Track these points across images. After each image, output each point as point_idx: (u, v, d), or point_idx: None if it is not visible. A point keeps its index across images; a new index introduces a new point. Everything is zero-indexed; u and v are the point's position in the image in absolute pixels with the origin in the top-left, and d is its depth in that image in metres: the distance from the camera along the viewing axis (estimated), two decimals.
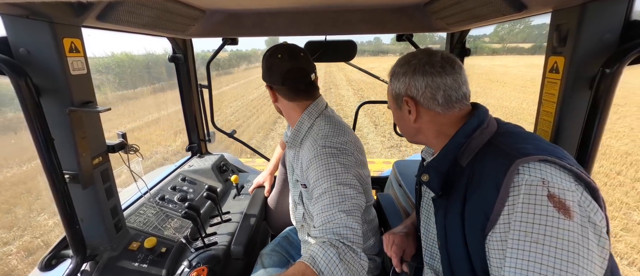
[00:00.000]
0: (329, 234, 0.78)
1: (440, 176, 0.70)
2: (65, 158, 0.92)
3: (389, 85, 0.81)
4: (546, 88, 0.89)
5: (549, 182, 0.54)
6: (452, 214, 0.68)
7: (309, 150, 0.97)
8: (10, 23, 0.80)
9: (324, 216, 0.81)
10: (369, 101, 2.28)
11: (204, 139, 2.03)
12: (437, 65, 0.70)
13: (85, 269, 1.01)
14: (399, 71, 0.76)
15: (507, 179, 0.56)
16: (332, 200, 0.82)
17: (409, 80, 0.73)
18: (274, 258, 1.18)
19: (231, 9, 1.34)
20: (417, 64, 0.72)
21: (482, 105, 0.75)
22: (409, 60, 0.75)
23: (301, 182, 1.04)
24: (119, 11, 0.93)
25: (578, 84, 0.80)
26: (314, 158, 0.92)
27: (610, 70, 0.71)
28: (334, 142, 0.94)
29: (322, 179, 0.87)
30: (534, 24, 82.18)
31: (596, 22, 0.74)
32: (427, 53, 0.74)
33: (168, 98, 13.90)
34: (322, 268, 0.71)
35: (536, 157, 0.57)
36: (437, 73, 0.70)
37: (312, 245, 0.77)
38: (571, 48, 0.78)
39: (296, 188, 1.13)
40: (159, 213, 1.38)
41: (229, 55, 35.93)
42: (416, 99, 0.73)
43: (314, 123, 1.03)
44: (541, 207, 0.52)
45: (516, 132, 0.68)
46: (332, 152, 0.91)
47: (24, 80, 0.76)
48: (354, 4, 1.27)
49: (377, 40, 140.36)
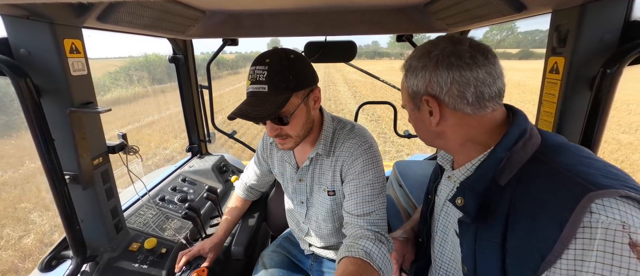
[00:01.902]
0: (373, 227, 0.86)
1: (477, 198, 0.59)
2: (66, 159, 0.92)
3: (403, 81, 0.69)
4: (546, 88, 0.89)
5: (629, 226, 0.44)
6: (487, 242, 0.58)
7: (350, 147, 0.92)
8: (10, 24, 0.80)
9: (368, 206, 0.87)
10: (369, 101, 2.28)
11: (204, 140, 2.03)
12: (466, 55, 0.58)
13: (85, 270, 1.01)
14: (417, 65, 0.63)
15: (575, 217, 0.46)
16: (373, 192, 0.89)
17: (430, 75, 0.61)
18: (275, 258, 1.18)
19: (231, 9, 1.34)
20: (440, 55, 0.60)
21: (519, 109, 0.63)
22: (429, 51, 0.61)
23: (329, 188, 0.99)
24: (119, 12, 0.93)
25: (578, 84, 0.80)
26: (364, 151, 0.91)
27: (611, 71, 0.71)
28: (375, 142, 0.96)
29: (369, 171, 0.89)
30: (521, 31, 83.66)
31: (596, 22, 0.74)
32: (451, 41, 0.60)
33: None
34: (379, 264, 0.76)
35: (613, 191, 0.45)
36: (466, 66, 0.57)
37: (360, 239, 0.82)
38: (571, 48, 0.78)
39: (317, 197, 1.05)
40: (159, 214, 1.38)
41: (235, 57, 39.80)
42: (439, 98, 0.61)
43: (336, 127, 0.99)
44: (621, 258, 0.43)
45: (567, 147, 0.57)
46: (376, 151, 0.94)
47: (25, 80, 0.76)
48: (353, 4, 1.27)
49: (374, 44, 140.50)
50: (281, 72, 0.80)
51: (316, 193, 1.05)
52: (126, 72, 17.63)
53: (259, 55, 0.84)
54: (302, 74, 0.83)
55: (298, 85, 0.82)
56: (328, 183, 1.00)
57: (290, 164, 1.07)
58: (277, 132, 0.87)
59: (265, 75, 0.79)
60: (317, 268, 1.14)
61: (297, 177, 1.06)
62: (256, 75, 0.81)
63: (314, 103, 0.90)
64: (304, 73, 0.84)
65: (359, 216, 0.87)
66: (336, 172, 0.97)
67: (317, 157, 1.00)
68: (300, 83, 0.83)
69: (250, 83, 0.82)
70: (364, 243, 0.80)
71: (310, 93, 0.87)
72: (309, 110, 0.89)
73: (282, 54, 0.83)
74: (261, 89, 0.80)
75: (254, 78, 0.81)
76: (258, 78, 0.80)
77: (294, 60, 0.83)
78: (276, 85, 0.79)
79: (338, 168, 0.96)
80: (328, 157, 0.98)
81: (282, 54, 0.83)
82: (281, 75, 0.80)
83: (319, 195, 1.04)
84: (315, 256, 1.18)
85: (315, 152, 0.98)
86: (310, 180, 1.04)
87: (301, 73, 0.83)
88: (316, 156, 0.99)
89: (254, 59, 0.84)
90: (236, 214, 1.31)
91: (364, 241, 0.81)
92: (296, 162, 1.07)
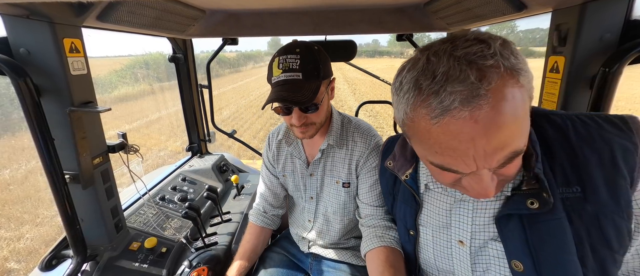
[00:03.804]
0: (389, 215, 0.94)
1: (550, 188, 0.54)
2: (66, 158, 0.92)
3: None
4: (546, 87, 0.89)
5: None
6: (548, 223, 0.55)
7: (364, 140, 1.00)
8: (10, 23, 0.80)
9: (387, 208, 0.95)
10: (369, 101, 2.29)
11: (204, 139, 2.03)
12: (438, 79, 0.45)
13: (85, 269, 1.01)
14: (392, 88, 0.54)
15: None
16: None
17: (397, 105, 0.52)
18: (274, 258, 1.18)
19: (231, 9, 1.34)
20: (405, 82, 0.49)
21: None
22: (401, 73, 0.51)
23: (343, 180, 1.02)
24: (119, 11, 0.93)
25: (578, 84, 0.80)
26: (375, 148, 0.98)
27: (611, 70, 0.71)
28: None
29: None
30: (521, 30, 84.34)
31: (596, 22, 0.74)
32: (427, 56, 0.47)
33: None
34: (400, 249, 0.87)
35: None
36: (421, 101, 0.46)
37: (388, 230, 0.91)
38: (571, 48, 0.78)
39: (329, 190, 1.06)
40: (159, 213, 1.38)
41: (236, 56, 40.55)
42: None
43: (343, 119, 1.04)
44: None
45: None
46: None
47: (24, 80, 0.76)
48: (354, 4, 1.27)
49: (374, 43, 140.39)
50: (313, 61, 0.84)
51: (327, 186, 1.07)
52: (131, 70, 17.88)
53: (285, 45, 0.89)
54: (326, 64, 0.89)
55: (325, 74, 0.88)
56: (343, 176, 1.02)
57: (300, 159, 1.09)
58: (304, 120, 0.90)
59: (299, 63, 0.83)
60: (316, 268, 1.14)
61: (308, 172, 1.08)
62: (289, 63, 0.84)
63: (331, 93, 0.96)
64: (327, 64, 0.90)
65: (378, 207, 0.97)
66: (352, 166, 1.01)
67: (329, 149, 1.03)
68: (326, 73, 0.89)
69: (282, 71, 0.84)
70: (394, 233, 0.90)
71: (331, 82, 0.94)
72: (328, 100, 0.96)
73: (310, 45, 0.88)
74: (295, 77, 0.83)
75: (286, 67, 0.84)
76: (291, 66, 0.83)
77: (319, 51, 0.88)
78: (309, 73, 0.84)
79: (354, 163, 1.00)
80: (340, 148, 1.01)
81: (310, 45, 0.88)
82: (313, 64, 0.84)
83: (331, 188, 1.06)
84: (314, 256, 1.18)
85: (327, 143, 1.01)
86: (321, 172, 1.06)
87: (326, 63, 0.89)
88: (328, 147, 1.02)
89: (280, 49, 0.88)
90: (254, 244, 1.13)
91: (392, 232, 0.91)
92: (306, 156, 1.09)
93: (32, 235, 3.90)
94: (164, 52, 18.67)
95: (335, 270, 1.10)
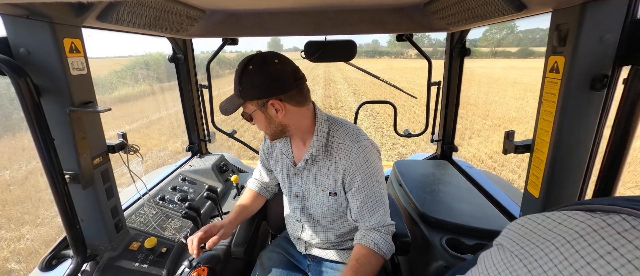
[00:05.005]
0: (380, 221, 0.98)
1: None
2: (66, 158, 0.92)
3: None
4: (546, 88, 0.89)
5: None
6: None
7: (348, 154, 0.94)
8: (10, 23, 0.80)
9: (376, 206, 0.98)
10: (369, 101, 2.29)
11: (204, 139, 2.03)
12: None
13: (85, 269, 1.01)
14: None
15: None
16: (381, 200, 0.99)
17: None
18: (273, 258, 1.18)
19: (231, 9, 1.34)
20: None
21: None
22: None
23: (329, 190, 1.02)
24: (119, 11, 0.93)
25: (578, 84, 0.80)
26: (363, 161, 0.94)
27: (611, 70, 0.71)
28: (372, 142, 0.99)
29: (371, 179, 0.96)
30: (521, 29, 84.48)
31: (596, 22, 0.74)
32: None
33: None
34: (384, 250, 0.95)
35: None
36: None
37: (371, 231, 0.97)
38: (571, 48, 0.78)
39: (314, 195, 1.07)
40: (159, 213, 1.38)
41: (236, 56, 40.88)
42: None
43: (330, 127, 1.00)
44: None
45: None
46: (375, 152, 0.97)
47: (24, 80, 0.76)
48: (354, 4, 1.27)
49: (374, 43, 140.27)
50: (239, 81, 0.90)
51: (313, 191, 1.06)
52: (131, 71, 17.81)
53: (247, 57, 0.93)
54: (256, 87, 0.88)
55: (248, 95, 0.90)
56: (329, 186, 1.01)
57: (288, 157, 1.09)
58: (250, 123, 1.00)
59: (237, 79, 0.91)
60: (315, 268, 1.14)
61: (293, 170, 1.08)
62: (236, 75, 0.92)
63: (276, 113, 0.92)
64: (259, 87, 0.88)
65: (369, 219, 0.99)
66: (337, 177, 0.98)
67: (313, 159, 1.01)
68: (251, 95, 0.90)
69: None
70: (374, 235, 0.96)
71: (267, 103, 0.90)
72: (270, 117, 0.93)
73: (248, 63, 0.88)
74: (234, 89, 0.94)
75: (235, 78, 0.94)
76: (235, 79, 0.93)
77: (253, 72, 0.87)
78: (235, 90, 0.93)
79: (339, 174, 0.98)
80: (325, 158, 0.99)
81: (247, 63, 0.88)
82: (238, 84, 0.91)
83: (317, 193, 1.05)
84: (312, 257, 1.18)
85: (309, 154, 0.99)
86: (306, 177, 1.06)
87: (255, 86, 0.88)
88: (311, 157, 1.00)
89: (244, 59, 0.93)
90: (247, 208, 1.23)
91: (374, 233, 0.97)
92: (293, 157, 1.09)
93: (33, 235, 3.89)
94: (164, 52, 18.56)
95: (334, 270, 1.10)
